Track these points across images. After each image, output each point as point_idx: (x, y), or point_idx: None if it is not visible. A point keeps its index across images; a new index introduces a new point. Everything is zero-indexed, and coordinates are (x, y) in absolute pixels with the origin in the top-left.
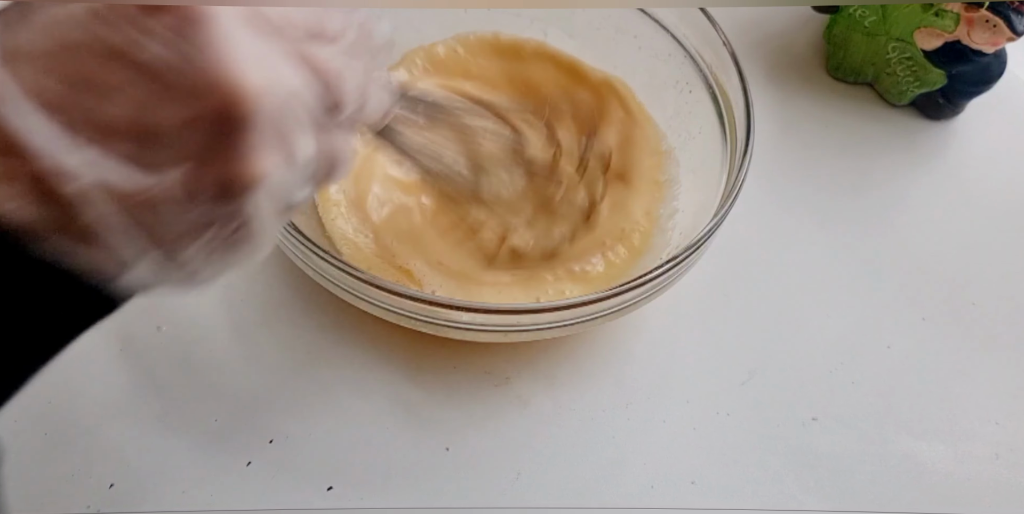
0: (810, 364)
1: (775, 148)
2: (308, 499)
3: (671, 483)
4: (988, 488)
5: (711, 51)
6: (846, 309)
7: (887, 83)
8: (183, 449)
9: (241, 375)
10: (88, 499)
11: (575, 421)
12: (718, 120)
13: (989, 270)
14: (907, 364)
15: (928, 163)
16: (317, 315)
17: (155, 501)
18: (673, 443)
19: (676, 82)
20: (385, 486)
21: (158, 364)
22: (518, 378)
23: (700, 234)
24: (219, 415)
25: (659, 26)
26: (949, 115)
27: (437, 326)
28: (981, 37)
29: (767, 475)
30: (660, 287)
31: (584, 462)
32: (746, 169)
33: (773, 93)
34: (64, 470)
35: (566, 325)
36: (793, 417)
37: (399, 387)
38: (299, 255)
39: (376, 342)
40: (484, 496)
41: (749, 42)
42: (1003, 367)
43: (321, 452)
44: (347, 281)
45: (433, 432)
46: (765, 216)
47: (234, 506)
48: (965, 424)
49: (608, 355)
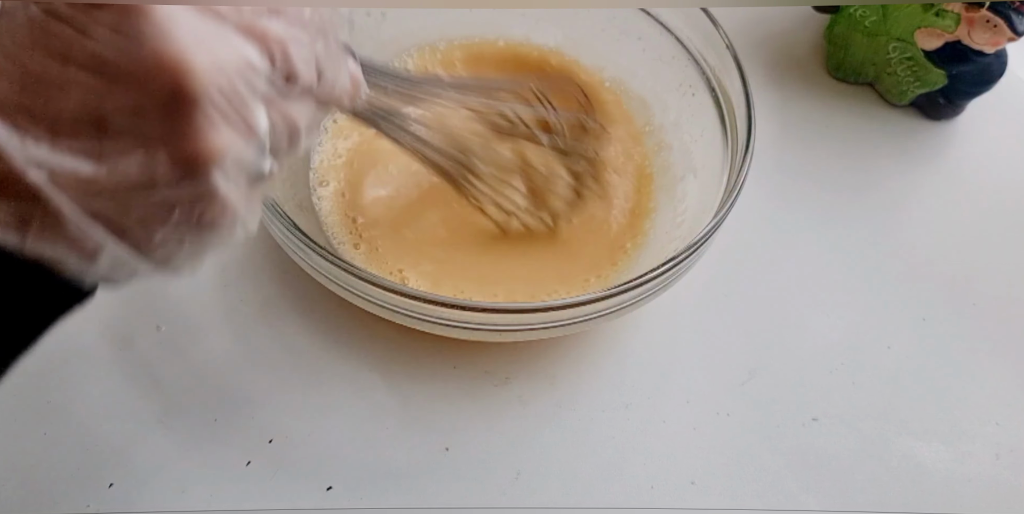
0: (810, 364)
1: (776, 148)
2: (307, 499)
3: (671, 483)
4: (988, 488)
5: (713, 53)
6: (846, 309)
7: (888, 83)
8: (183, 449)
9: (241, 375)
10: (87, 499)
11: (575, 421)
12: (719, 121)
13: (989, 270)
14: (907, 364)
15: (928, 163)
16: (317, 315)
17: (154, 501)
18: (673, 443)
19: (679, 85)
20: (385, 486)
21: (158, 364)
22: (518, 378)
23: (700, 234)
24: (219, 415)
25: (663, 28)
26: (949, 115)
27: (437, 325)
28: (982, 37)
29: (767, 475)
30: (660, 287)
31: (584, 462)
32: (747, 169)
33: (773, 93)
34: (64, 470)
35: (566, 325)
36: (793, 417)
37: (399, 387)
38: (299, 253)
39: (376, 342)
40: (484, 496)
41: (750, 42)
42: (1003, 367)
43: (320, 452)
44: (347, 279)
45: (433, 432)
46: (765, 216)
47: (233, 506)
48: (965, 424)
49: (608, 355)
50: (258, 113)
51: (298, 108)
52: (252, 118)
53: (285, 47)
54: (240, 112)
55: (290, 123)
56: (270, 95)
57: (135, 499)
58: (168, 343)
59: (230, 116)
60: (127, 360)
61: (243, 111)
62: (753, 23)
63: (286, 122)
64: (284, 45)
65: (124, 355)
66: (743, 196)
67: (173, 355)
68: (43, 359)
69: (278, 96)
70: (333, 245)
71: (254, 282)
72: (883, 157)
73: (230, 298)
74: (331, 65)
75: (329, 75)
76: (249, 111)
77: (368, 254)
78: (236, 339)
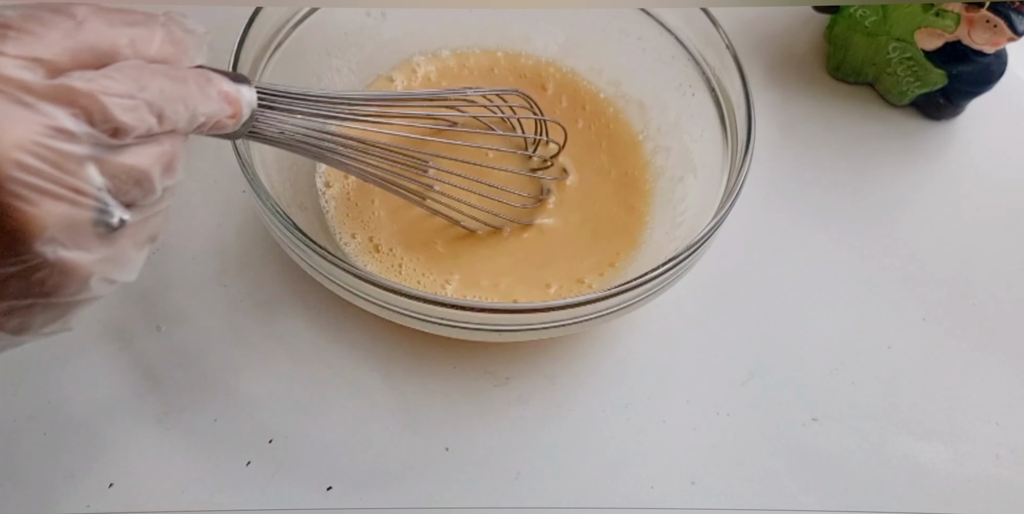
0: (810, 364)
1: (775, 148)
2: (307, 499)
3: (671, 483)
4: (988, 488)
5: (713, 53)
6: (846, 309)
7: (888, 83)
8: (183, 449)
9: (241, 375)
10: (87, 499)
11: (575, 421)
12: (719, 122)
13: (989, 270)
14: (907, 364)
15: (928, 163)
16: (317, 315)
17: (154, 501)
18: (673, 443)
19: (679, 85)
20: (385, 486)
21: (158, 364)
22: (518, 378)
23: (700, 234)
24: (219, 415)
25: (663, 28)
26: (949, 115)
27: (437, 325)
28: (982, 37)
29: (767, 475)
30: (660, 287)
31: (584, 462)
32: (747, 169)
33: (773, 93)
34: (64, 470)
35: (566, 325)
36: (793, 417)
37: (399, 387)
38: (299, 253)
39: (376, 342)
40: (484, 496)
41: (749, 42)
42: (1003, 367)
43: (321, 452)
44: (347, 279)
45: (433, 432)
46: (765, 216)
47: (233, 506)
48: (965, 424)
49: (608, 355)
50: (85, 174)
51: (142, 153)
52: (74, 183)
53: (98, 102)
54: (57, 180)
55: (134, 173)
56: (98, 152)
57: (135, 499)
58: (168, 343)
59: (44, 187)
60: (127, 360)
61: (60, 179)
62: (753, 23)
63: (129, 173)
64: (96, 100)
65: (124, 355)
66: (743, 196)
67: (173, 355)
68: (43, 359)
69: (109, 150)
70: (333, 245)
71: (254, 282)
72: (883, 157)
73: (230, 298)
74: (180, 97)
75: (178, 109)
76: (69, 177)
77: (368, 254)
78: (236, 339)
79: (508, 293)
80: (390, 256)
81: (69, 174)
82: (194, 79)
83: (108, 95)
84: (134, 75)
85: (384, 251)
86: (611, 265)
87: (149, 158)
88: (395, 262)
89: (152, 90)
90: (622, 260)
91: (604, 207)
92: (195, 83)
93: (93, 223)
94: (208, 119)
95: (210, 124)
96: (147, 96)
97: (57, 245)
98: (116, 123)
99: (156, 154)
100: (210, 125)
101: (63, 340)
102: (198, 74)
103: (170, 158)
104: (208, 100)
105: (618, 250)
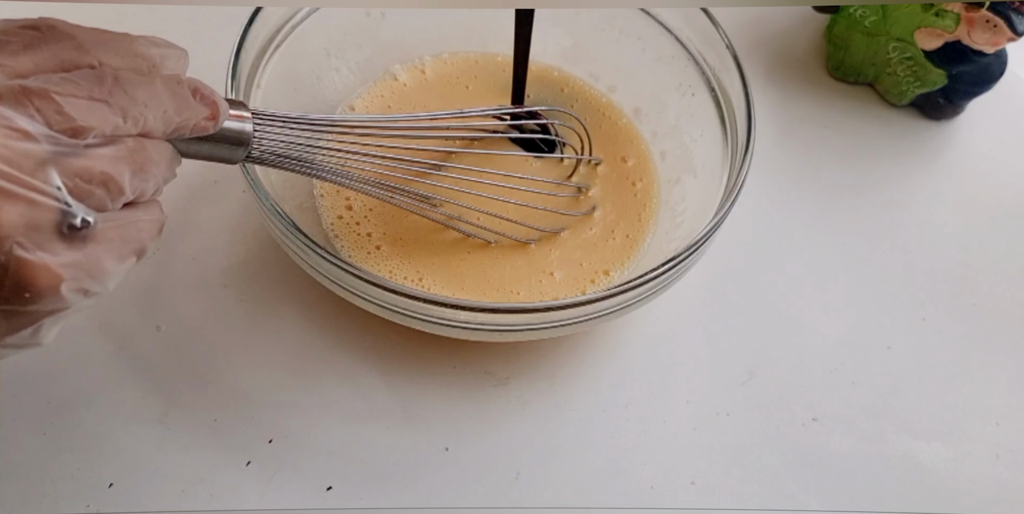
0: (810, 364)
1: (775, 148)
2: (307, 499)
3: (671, 483)
4: (988, 488)
5: (713, 53)
6: (846, 309)
7: (887, 83)
8: (182, 449)
9: (241, 375)
10: (88, 499)
11: (575, 421)
12: (719, 122)
13: (989, 270)
14: (907, 364)
15: (928, 163)
16: (317, 315)
17: (154, 501)
18: (673, 443)
19: (679, 85)
20: (385, 486)
21: (158, 364)
22: (518, 378)
23: (700, 234)
24: (218, 415)
25: (663, 28)
26: (949, 115)
27: (437, 325)
28: (982, 37)
29: (767, 475)
30: (660, 287)
31: (584, 462)
32: (747, 169)
33: (773, 93)
34: (64, 470)
35: (566, 325)
36: (793, 417)
37: (399, 387)
38: (299, 253)
39: (376, 342)
40: (484, 496)
41: (749, 42)
42: (1003, 367)
43: (320, 452)
44: (347, 280)
45: (433, 432)
46: (765, 216)
47: (233, 506)
48: (965, 424)
49: (608, 355)
50: (44, 174)
51: (107, 154)
52: (31, 182)
53: (53, 101)
54: (14, 179)
55: (97, 173)
56: (58, 153)
57: (135, 499)
58: (168, 343)
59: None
60: (127, 360)
61: (16, 178)
62: (753, 23)
63: (91, 174)
64: (51, 100)
65: (124, 355)
66: (743, 196)
67: (173, 355)
68: (43, 359)
69: (70, 151)
70: (333, 246)
71: (254, 282)
72: (883, 157)
73: (230, 298)
74: (146, 97)
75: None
76: (26, 176)
77: (368, 254)
78: (236, 339)
79: (508, 293)
80: (389, 256)
81: (26, 173)
82: (163, 81)
83: (64, 95)
84: (95, 77)
85: (384, 251)
86: (611, 265)
87: (114, 159)
88: (395, 263)
89: (114, 90)
90: (622, 260)
91: (604, 207)
92: (164, 84)
93: (55, 224)
94: (185, 121)
95: (189, 126)
96: (107, 96)
97: (14, 244)
98: (73, 123)
99: (122, 155)
100: (190, 128)
101: (63, 340)
102: (169, 77)
103: (142, 160)
104: (180, 101)
105: (618, 250)
